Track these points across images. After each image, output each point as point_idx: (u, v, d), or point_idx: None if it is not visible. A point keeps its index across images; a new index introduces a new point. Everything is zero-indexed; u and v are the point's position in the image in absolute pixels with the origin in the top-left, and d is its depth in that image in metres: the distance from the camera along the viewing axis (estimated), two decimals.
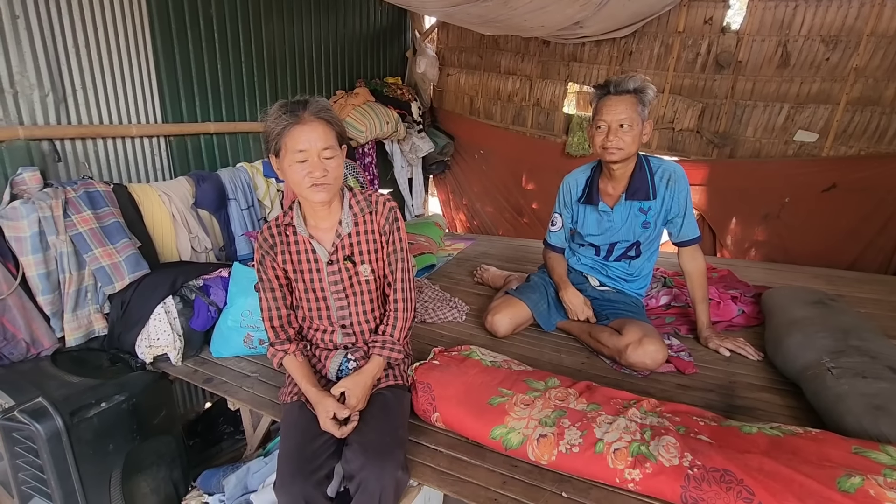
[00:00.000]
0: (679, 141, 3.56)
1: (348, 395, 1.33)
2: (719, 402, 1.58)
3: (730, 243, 3.49)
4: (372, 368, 1.39)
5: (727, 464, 1.11)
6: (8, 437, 1.48)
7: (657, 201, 1.86)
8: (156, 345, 1.86)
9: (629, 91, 1.73)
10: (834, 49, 3.01)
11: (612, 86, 1.75)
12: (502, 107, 4.22)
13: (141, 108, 2.34)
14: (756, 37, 3.18)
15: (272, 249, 1.41)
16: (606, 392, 1.44)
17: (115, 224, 1.95)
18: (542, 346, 1.99)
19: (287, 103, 1.29)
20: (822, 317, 1.81)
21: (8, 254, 1.74)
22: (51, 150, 2.00)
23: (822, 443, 1.17)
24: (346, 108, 3.46)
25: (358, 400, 1.33)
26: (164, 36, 2.38)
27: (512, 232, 4.31)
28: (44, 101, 1.99)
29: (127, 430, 1.63)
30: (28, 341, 1.77)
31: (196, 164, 2.62)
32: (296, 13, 3.10)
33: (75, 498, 1.51)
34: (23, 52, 1.90)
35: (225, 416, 2.49)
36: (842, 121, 3.06)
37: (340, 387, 1.34)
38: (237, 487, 1.60)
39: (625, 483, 1.18)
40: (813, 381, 1.51)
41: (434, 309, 2.30)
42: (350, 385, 1.34)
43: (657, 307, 2.26)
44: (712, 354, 1.88)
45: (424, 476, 1.30)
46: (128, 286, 1.91)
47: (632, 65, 3.59)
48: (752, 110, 3.27)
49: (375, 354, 1.41)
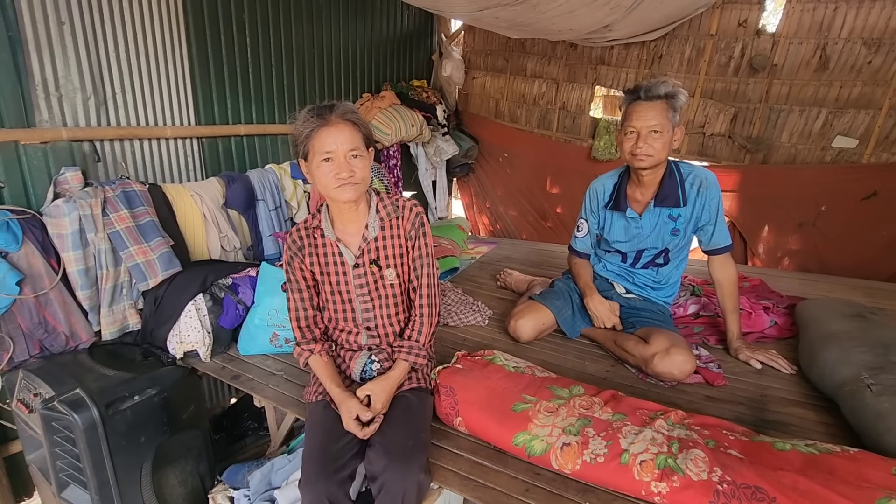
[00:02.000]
0: (710, 146, 3.47)
1: (373, 398, 1.35)
2: (750, 416, 1.54)
3: (762, 252, 3.39)
4: (397, 374, 1.41)
5: (759, 481, 1.07)
6: (48, 425, 1.54)
7: (687, 208, 1.82)
8: (186, 341, 1.92)
9: (660, 96, 1.70)
10: (877, 52, 2.89)
11: (643, 91, 1.72)
12: (528, 110, 4.19)
13: (176, 111, 2.42)
14: (793, 39, 3.08)
15: (300, 251, 1.44)
16: (632, 402, 1.42)
17: (150, 223, 2.01)
18: (566, 352, 1.97)
19: (315, 107, 1.31)
20: (861, 330, 1.74)
21: (51, 250, 1.81)
22: (91, 150, 2.09)
23: (861, 462, 1.12)
24: (372, 110, 3.49)
25: (382, 404, 1.35)
26: (199, 41, 2.45)
27: (535, 236, 4.28)
28: (86, 104, 2.07)
29: (158, 423, 1.68)
30: (67, 334, 1.85)
31: (226, 166, 2.69)
32: (325, 18, 3.15)
33: (109, 487, 1.57)
34: (67, 56, 1.98)
35: (249, 412, 2.53)
36: (884, 126, 2.94)
37: (366, 390, 1.36)
38: (262, 483, 1.63)
39: (651, 496, 1.15)
40: (851, 397, 1.46)
41: (457, 312, 2.31)
42: (375, 389, 1.36)
43: (685, 316, 2.21)
44: (742, 366, 1.83)
45: (446, 480, 1.30)
46: (161, 283, 1.97)
47: (661, 68, 3.53)
48: (788, 115, 3.17)
49: (401, 360, 1.42)
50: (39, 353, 1.80)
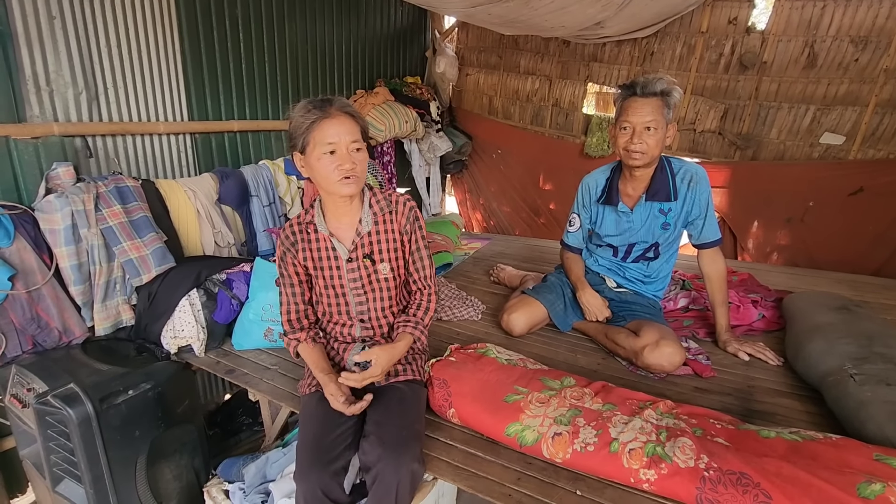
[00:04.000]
0: (700, 142, 3.51)
1: (374, 361, 1.34)
2: (737, 406, 1.57)
3: (751, 247, 3.44)
4: (401, 345, 1.41)
5: (744, 467, 1.10)
6: (42, 420, 1.54)
7: (678, 203, 1.85)
8: (180, 336, 1.92)
9: (656, 93, 1.71)
10: (863, 50, 2.94)
11: (639, 87, 1.72)
12: (521, 107, 4.21)
13: (168, 107, 2.41)
14: (782, 37, 3.12)
15: (293, 247, 1.45)
16: (622, 393, 1.44)
17: (143, 218, 2.01)
18: (558, 345, 2.00)
19: (313, 100, 1.32)
20: (846, 323, 1.78)
21: (43, 245, 1.81)
22: (83, 146, 2.08)
23: (843, 449, 1.15)
24: (366, 106, 3.49)
25: (382, 369, 1.35)
26: (192, 36, 2.44)
27: (528, 232, 4.31)
28: (77, 99, 2.06)
29: (152, 417, 1.68)
30: (60, 330, 1.85)
31: (220, 161, 2.68)
32: (318, 13, 3.14)
33: (103, 481, 1.57)
34: (59, 51, 1.97)
35: (244, 408, 2.54)
36: (870, 123, 2.99)
37: (370, 353, 1.34)
38: (256, 476, 1.64)
39: (639, 483, 1.18)
40: (834, 387, 1.49)
41: (450, 307, 2.32)
42: (379, 352, 1.35)
43: (675, 309, 2.24)
44: (731, 358, 1.87)
45: (440, 470, 1.32)
46: (154, 278, 1.97)
47: (653, 65, 3.56)
48: (777, 112, 3.21)
49: (407, 332, 1.44)
50: (32, 348, 1.80)
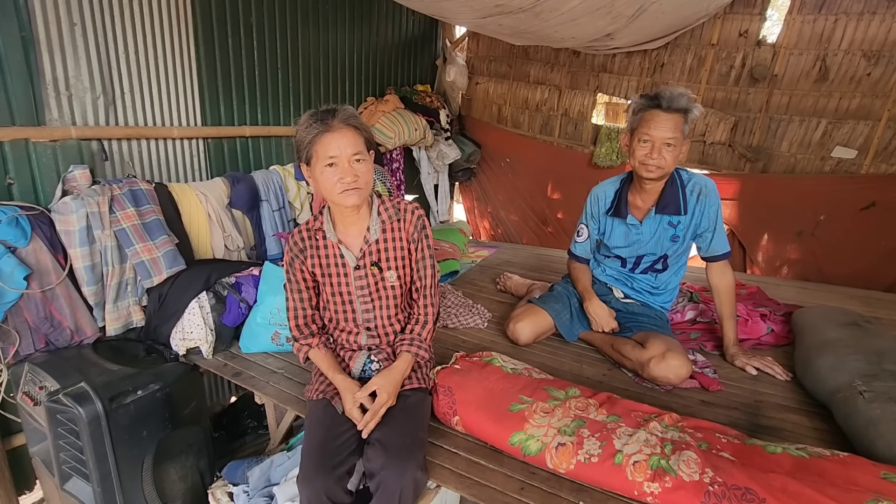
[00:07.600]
0: (710, 154, 3.50)
1: (379, 391, 1.36)
2: (744, 421, 1.56)
3: (760, 260, 3.41)
4: (402, 365, 1.43)
5: (749, 482, 1.09)
6: (52, 418, 1.57)
7: (687, 216, 1.84)
8: (189, 338, 1.94)
9: (680, 109, 1.68)
10: (876, 64, 2.92)
11: (665, 100, 1.68)
12: (530, 116, 4.23)
13: (183, 112, 2.45)
14: (793, 50, 3.11)
15: (302, 253, 1.46)
16: (627, 404, 1.44)
17: (156, 221, 2.04)
18: (563, 355, 1.99)
19: (316, 112, 1.33)
20: (856, 339, 1.76)
21: (58, 246, 1.85)
22: (99, 149, 2.12)
23: (850, 466, 1.14)
24: (376, 114, 3.53)
25: (389, 396, 1.37)
26: (207, 43, 2.49)
27: (536, 241, 4.31)
28: (95, 104, 2.11)
29: (160, 418, 1.70)
30: (72, 329, 1.88)
31: (231, 166, 2.72)
32: (331, 22, 3.19)
33: (111, 480, 1.59)
34: (78, 57, 2.02)
35: (249, 411, 2.56)
36: (883, 137, 2.97)
37: (372, 385, 1.37)
38: (261, 479, 1.65)
39: (643, 496, 1.17)
40: (844, 403, 1.47)
41: (456, 314, 2.33)
42: (382, 382, 1.38)
43: (682, 322, 2.23)
44: (738, 372, 1.85)
45: (443, 478, 1.32)
46: (165, 281, 2.00)
47: (663, 76, 3.56)
48: (788, 125, 3.20)
49: (404, 351, 1.45)
50: (45, 347, 1.83)
